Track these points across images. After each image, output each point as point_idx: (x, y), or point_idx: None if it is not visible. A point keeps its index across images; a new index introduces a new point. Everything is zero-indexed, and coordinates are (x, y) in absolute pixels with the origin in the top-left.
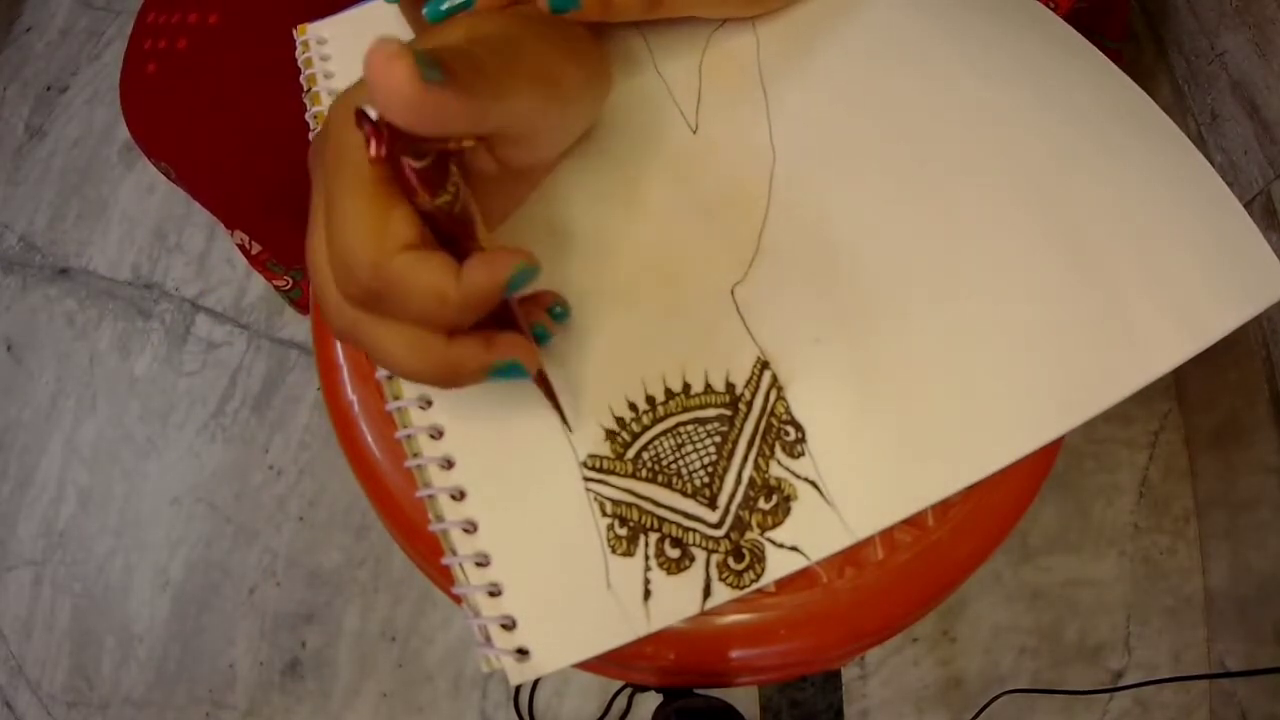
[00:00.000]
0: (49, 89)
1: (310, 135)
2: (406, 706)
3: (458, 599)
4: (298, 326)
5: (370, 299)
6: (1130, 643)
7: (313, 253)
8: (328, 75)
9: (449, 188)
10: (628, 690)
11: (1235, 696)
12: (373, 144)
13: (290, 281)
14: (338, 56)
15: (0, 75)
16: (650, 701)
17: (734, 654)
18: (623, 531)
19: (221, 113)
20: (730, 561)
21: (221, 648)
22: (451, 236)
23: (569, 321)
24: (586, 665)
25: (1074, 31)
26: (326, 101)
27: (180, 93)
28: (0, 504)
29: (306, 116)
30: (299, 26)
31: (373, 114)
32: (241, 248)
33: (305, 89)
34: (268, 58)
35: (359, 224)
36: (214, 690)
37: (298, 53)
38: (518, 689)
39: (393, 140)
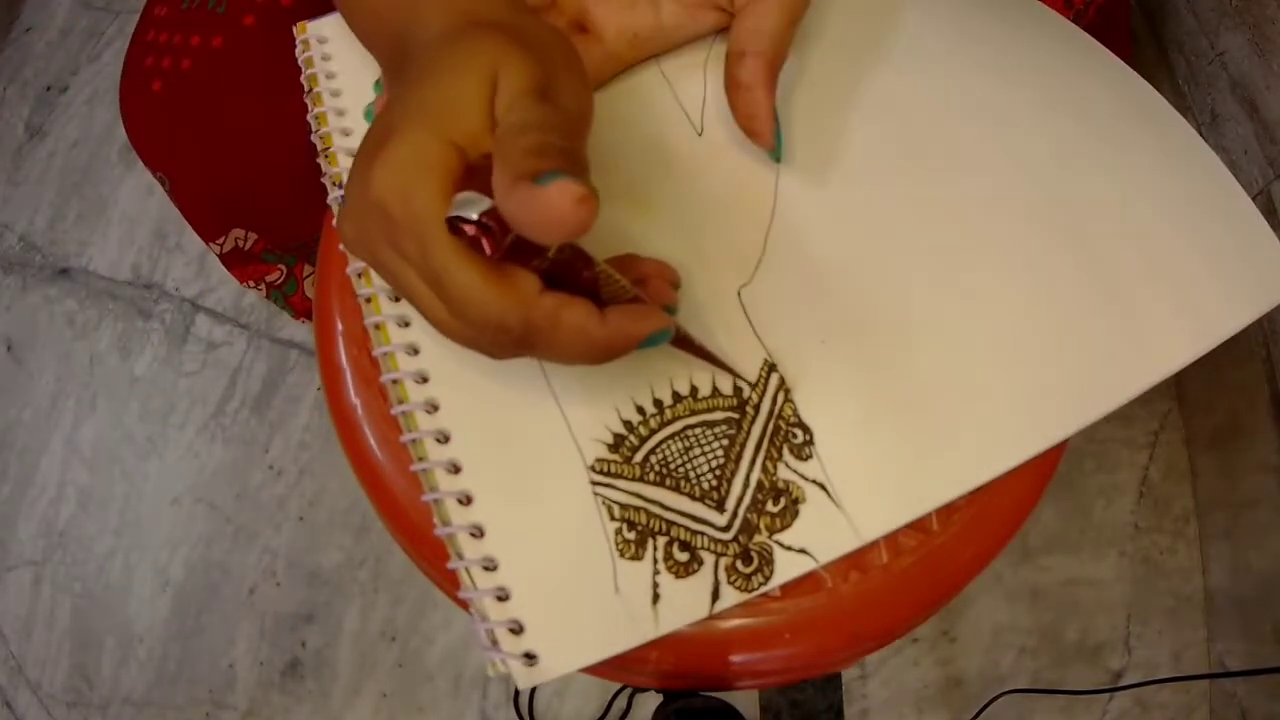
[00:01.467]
0: (49, 89)
1: (312, 136)
2: (406, 706)
3: (463, 603)
4: (298, 326)
5: (524, 346)
6: (1130, 643)
7: (432, 324)
8: (329, 75)
9: (547, 249)
10: (628, 690)
11: (1235, 696)
12: (487, 246)
13: (283, 271)
14: (338, 56)
15: (0, 75)
16: (650, 702)
17: (738, 658)
18: (631, 535)
19: (225, 132)
20: (739, 564)
21: (221, 648)
22: (569, 279)
23: None
24: (591, 669)
25: (1078, 29)
26: (328, 102)
27: (185, 112)
28: (0, 504)
29: (308, 117)
30: (299, 25)
31: (473, 216)
32: (229, 255)
33: (306, 89)
34: (271, 80)
35: (489, 290)
36: (214, 690)
37: (298, 51)
38: (517, 689)
39: (503, 241)
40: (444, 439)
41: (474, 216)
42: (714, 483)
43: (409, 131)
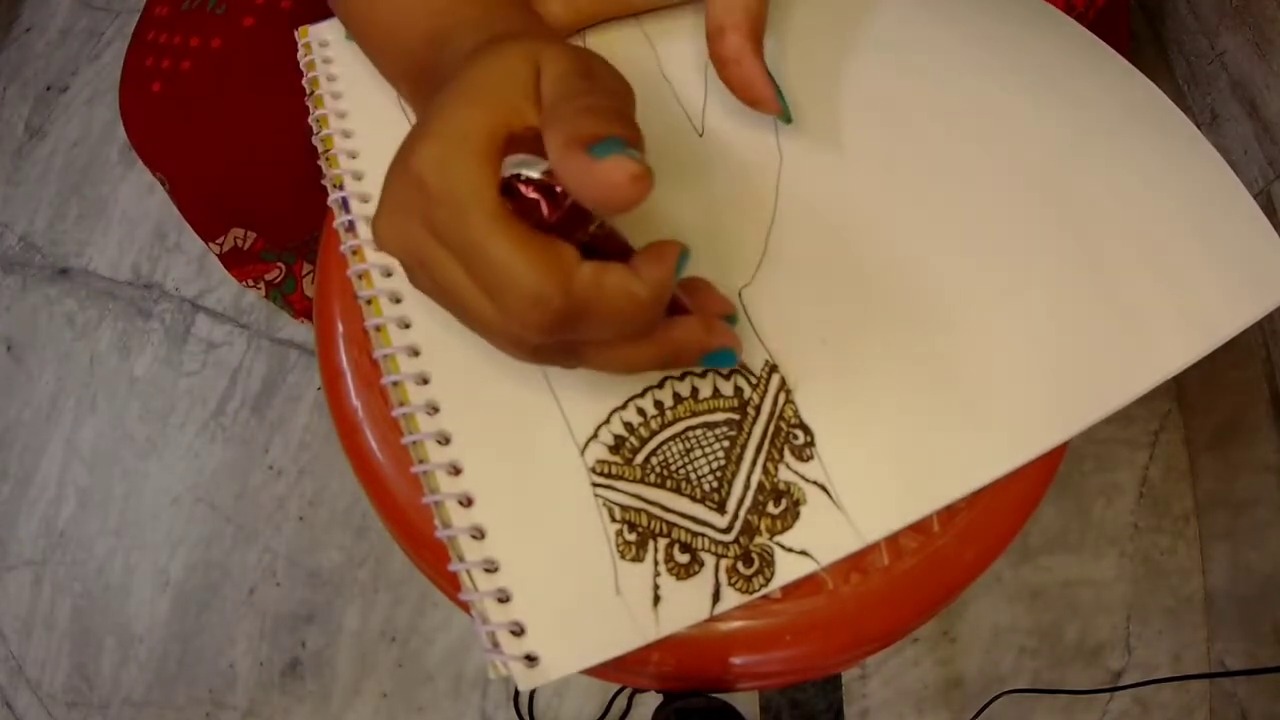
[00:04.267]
0: (49, 89)
1: (314, 139)
2: (406, 706)
3: (464, 605)
4: (298, 326)
5: (567, 324)
6: (1130, 643)
7: (472, 323)
8: (330, 78)
9: (596, 215)
10: (628, 690)
11: (1235, 696)
12: (545, 208)
13: (282, 270)
14: (340, 59)
15: (0, 75)
16: (650, 702)
17: (738, 660)
18: (632, 537)
19: (225, 133)
20: (739, 566)
21: (221, 648)
22: (605, 253)
23: None
24: (591, 670)
25: (1081, 27)
26: (330, 104)
27: (185, 113)
28: (0, 504)
29: (309, 120)
30: (301, 29)
31: (534, 174)
32: (228, 255)
33: (308, 91)
34: (270, 81)
35: (528, 261)
36: (214, 690)
37: (299, 55)
38: (518, 690)
39: (563, 204)
40: (445, 441)
41: (535, 175)
42: (715, 484)
43: (449, 109)
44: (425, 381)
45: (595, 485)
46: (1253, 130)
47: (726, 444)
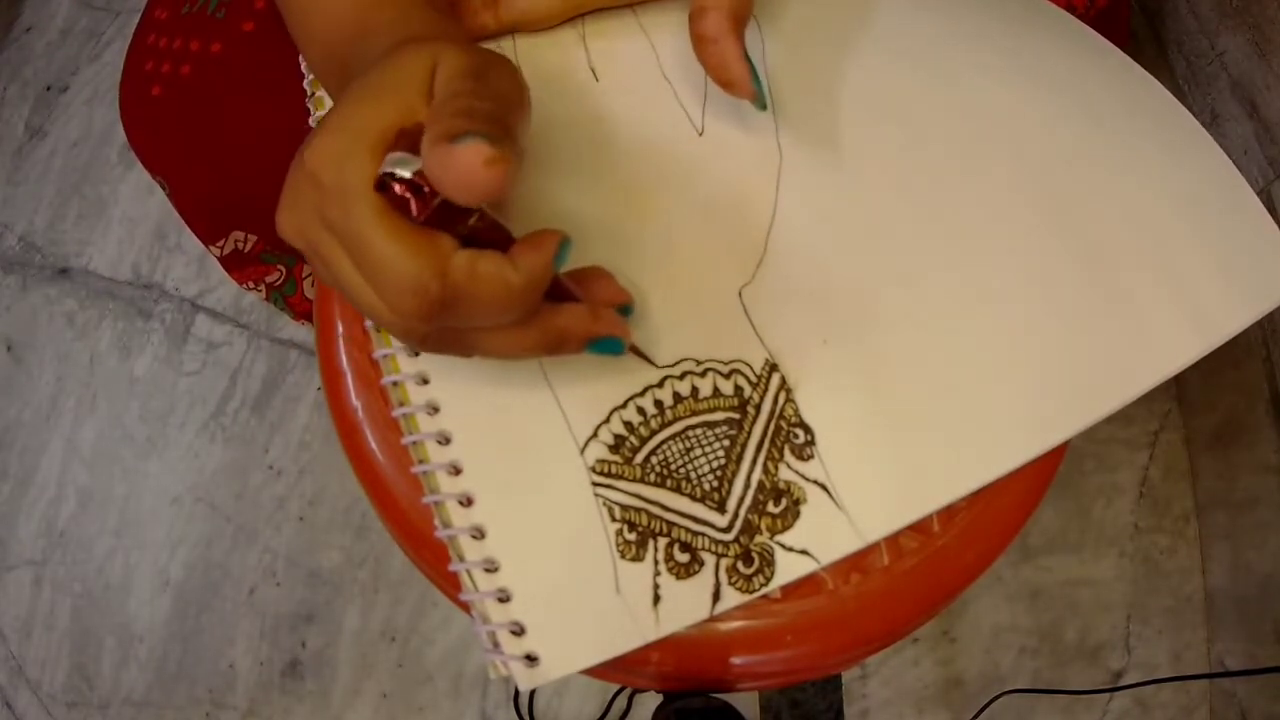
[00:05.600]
0: (49, 89)
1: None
2: (406, 706)
3: (465, 606)
4: (298, 326)
5: (444, 311)
6: (1130, 643)
7: (364, 313)
8: None
9: (474, 210)
10: (628, 690)
11: (1235, 696)
12: (414, 206)
13: (282, 272)
14: None
15: (0, 75)
16: (650, 702)
17: (739, 660)
18: (632, 536)
19: (225, 136)
20: (740, 566)
21: (221, 648)
22: (486, 244)
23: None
24: (591, 670)
25: (1083, 26)
26: (330, 106)
27: (185, 117)
28: (0, 504)
29: (309, 122)
30: None
31: (405, 174)
32: (229, 258)
33: (309, 93)
34: (269, 85)
35: (405, 249)
36: (214, 690)
37: (301, 59)
38: (518, 690)
39: (430, 203)
40: (445, 441)
41: (407, 174)
42: (715, 483)
43: (349, 105)
44: (425, 382)
45: (595, 485)
46: (1253, 130)
47: (727, 443)
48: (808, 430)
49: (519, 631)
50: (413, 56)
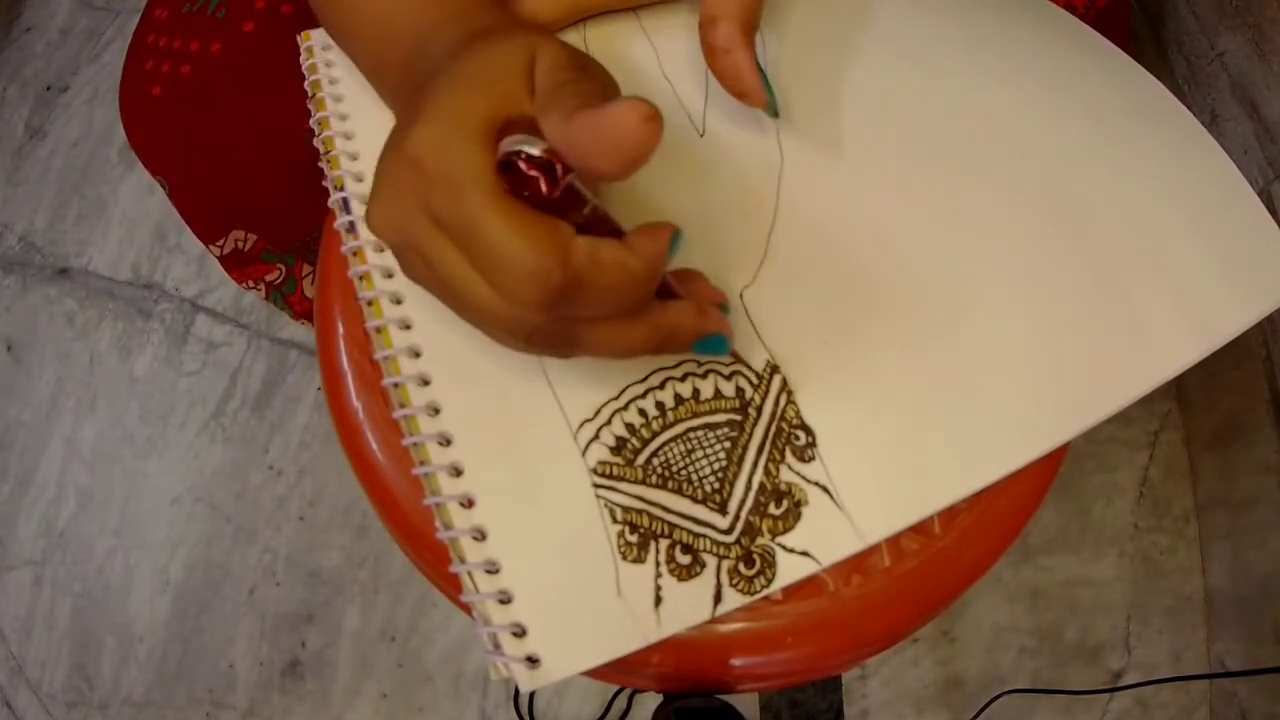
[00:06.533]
0: (49, 89)
1: (315, 141)
2: (406, 706)
3: (465, 607)
4: (298, 326)
5: (565, 299)
6: (1130, 643)
7: (467, 309)
8: (333, 81)
9: (588, 198)
10: (628, 690)
11: (1235, 696)
12: (544, 184)
13: (282, 271)
14: (342, 63)
15: (0, 75)
16: (650, 702)
17: (740, 662)
18: (633, 538)
19: (225, 136)
20: (741, 567)
21: (221, 648)
22: (597, 231)
23: None
24: (592, 672)
25: (1084, 26)
26: (331, 107)
27: (185, 117)
28: (0, 504)
29: (311, 122)
30: (304, 33)
31: (535, 151)
32: (229, 257)
33: (310, 94)
34: (270, 86)
35: (526, 236)
36: (214, 690)
37: (302, 58)
38: (518, 690)
39: (562, 180)
40: (446, 442)
41: (536, 152)
42: (716, 485)
43: (446, 94)
44: (426, 383)
45: (597, 486)
46: (1253, 130)
47: (728, 445)
48: (809, 432)
49: (520, 633)
50: (511, 47)
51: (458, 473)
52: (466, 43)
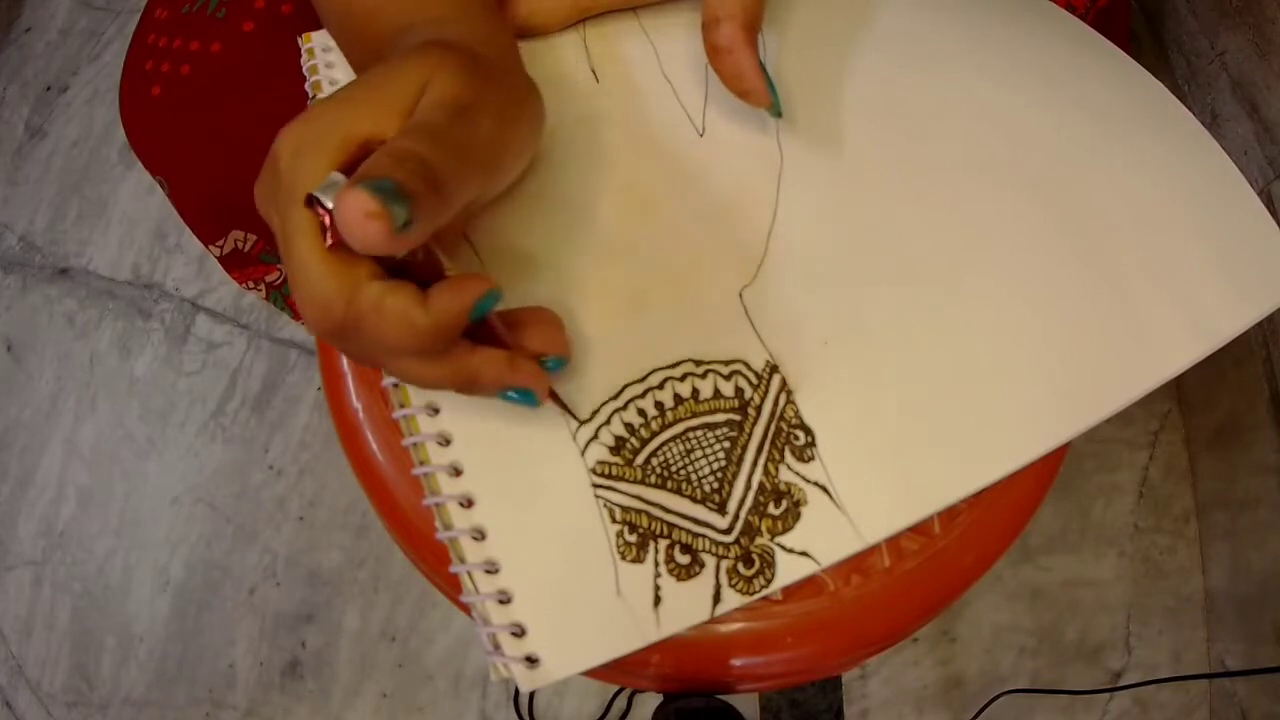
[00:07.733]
0: (49, 89)
1: None
2: (406, 706)
3: (465, 607)
4: (298, 326)
5: (344, 334)
6: (1130, 643)
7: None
8: (333, 82)
9: None
10: (628, 690)
11: (1235, 696)
12: (328, 235)
13: (282, 272)
14: (342, 64)
15: (0, 75)
16: (650, 702)
17: (740, 662)
18: (632, 538)
19: (225, 136)
20: (740, 567)
21: (221, 648)
22: (417, 275)
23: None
24: (592, 672)
25: (1084, 26)
26: None
27: (185, 117)
28: (0, 504)
29: None
30: (304, 34)
31: (327, 202)
32: (229, 257)
33: (311, 95)
34: (270, 85)
35: (321, 267)
36: (214, 690)
37: (303, 60)
38: (517, 689)
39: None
40: (445, 442)
41: (328, 203)
42: (715, 485)
43: (324, 105)
44: None
45: (596, 486)
46: (1253, 130)
47: (727, 445)
48: (808, 432)
49: (520, 633)
50: (407, 69)
51: (457, 473)
52: (403, 51)
